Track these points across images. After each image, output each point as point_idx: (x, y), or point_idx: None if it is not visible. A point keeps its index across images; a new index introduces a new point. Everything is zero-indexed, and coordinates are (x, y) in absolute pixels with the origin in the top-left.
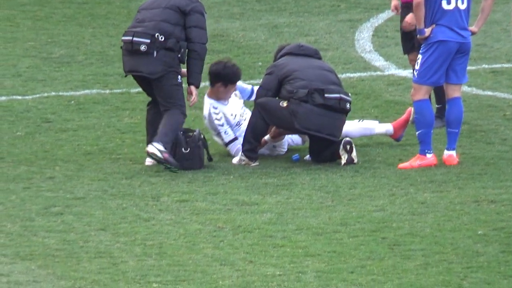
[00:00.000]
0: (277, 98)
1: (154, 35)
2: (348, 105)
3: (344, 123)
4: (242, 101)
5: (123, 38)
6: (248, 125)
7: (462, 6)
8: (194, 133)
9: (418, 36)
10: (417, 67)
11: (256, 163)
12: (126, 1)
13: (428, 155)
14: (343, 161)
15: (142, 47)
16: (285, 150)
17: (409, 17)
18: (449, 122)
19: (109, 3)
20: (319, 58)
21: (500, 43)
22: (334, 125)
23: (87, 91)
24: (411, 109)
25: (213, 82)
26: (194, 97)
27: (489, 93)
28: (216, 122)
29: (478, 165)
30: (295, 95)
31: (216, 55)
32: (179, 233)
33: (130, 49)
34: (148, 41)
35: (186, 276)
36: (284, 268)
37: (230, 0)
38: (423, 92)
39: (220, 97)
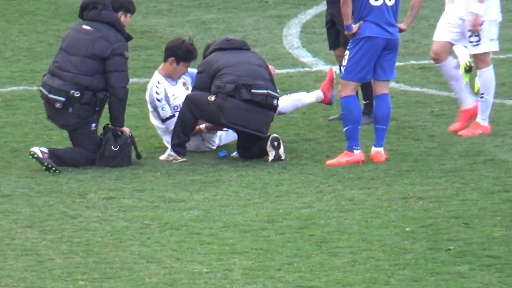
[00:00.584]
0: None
1: (69, 92)
2: (275, 101)
3: (271, 118)
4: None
5: (41, 88)
6: (177, 119)
7: (390, 3)
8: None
9: (345, 32)
10: (344, 62)
11: (184, 159)
12: None
13: (356, 152)
14: (271, 157)
15: (57, 105)
16: (214, 147)
17: None
18: (376, 118)
19: None
20: (248, 48)
21: (428, 39)
22: (261, 120)
23: (14, 88)
24: (331, 68)
25: (166, 57)
26: (125, 130)
27: (417, 89)
28: (155, 95)
29: (406, 162)
30: (223, 90)
31: (144, 52)
32: (106, 230)
33: (47, 101)
34: (63, 99)
35: (113, 274)
36: (211, 265)
37: None
38: (350, 88)
39: (170, 73)
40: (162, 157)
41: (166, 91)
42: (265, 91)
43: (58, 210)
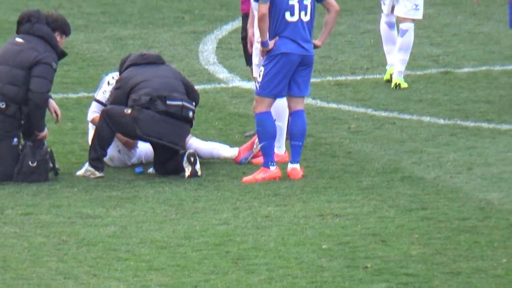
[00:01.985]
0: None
1: None
2: (190, 113)
3: (187, 132)
4: None
5: None
6: (94, 133)
7: (306, 18)
8: (44, 146)
9: (261, 48)
10: (259, 79)
11: (102, 174)
12: None
13: (272, 168)
14: (187, 173)
15: None
16: (129, 163)
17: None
18: (292, 134)
19: None
20: (163, 62)
21: (345, 55)
22: (176, 132)
23: None
24: (255, 138)
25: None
26: (44, 133)
27: (334, 105)
28: (109, 78)
29: (323, 179)
30: (138, 102)
31: (60, 67)
32: (23, 246)
33: None
34: None
35: None
36: (128, 282)
37: (75, 12)
38: (265, 105)
39: None
40: (79, 172)
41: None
42: (180, 103)
43: None
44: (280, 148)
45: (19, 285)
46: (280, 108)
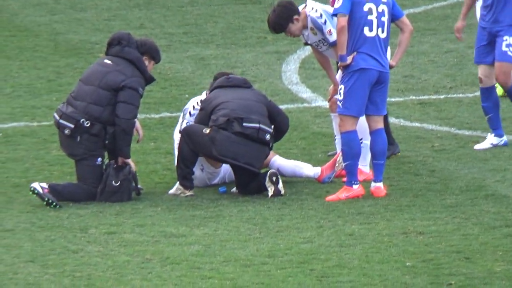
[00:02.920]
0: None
1: (80, 120)
2: (267, 136)
3: (264, 154)
4: None
5: (54, 114)
6: (177, 152)
7: (382, 35)
8: (126, 166)
9: (339, 63)
10: (340, 97)
11: (191, 193)
12: (53, 34)
13: (355, 186)
14: (270, 193)
15: (66, 131)
16: (214, 180)
17: None
18: (374, 154)
19: (36, 36)
20: (248, 87)
21: (428, 75)
22: (252, 154)
23: (15, 124)
24: (339, 153)
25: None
26: (129, 161)
27: (417, 124)
28: (191, 109)
29: (406, 197)
30: (216, 123)
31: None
32: (107, 264)
33: (58, 127)
34: (72, 126)
35: None
36: None
37: (157, 33)
38: (350, 123)
39: None
40: (171, 191)
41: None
42: (257, 125)
43: (59, 244)
44: (366, 167)
45: None
46: (365, 126)
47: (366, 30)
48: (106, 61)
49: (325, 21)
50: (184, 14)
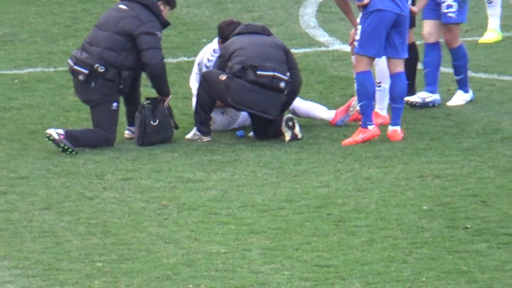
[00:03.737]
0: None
1: (93, 65)
2: (282, 83)
3: (279, 101)
4: None
5: (68, 60)
6: (196, 97)
7: None
8: (159, 104)
9: (356, 2)
10: (357, 37)
11: (209, 138)
12: None
13: (370, 127)
14: (287, 137)
15: (81, 77)
16: (236, 123)
17: None
18: (392, 97)
19: None
20: (268, 34)
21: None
22: (266, 102)
23: (31, 70)
24: (353, 98)
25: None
26: (169, 97)
27: None
28: (206, 61)
29: (423, 140)
30: (231, 70)
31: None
32: (123, 211)
33: (72, 73)
34: (87, 71)
35: (131, 255)
36: (229, 245)
37: None
38: (364, 64)
39: None
40: (188, 136)
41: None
42: (271, 73)
43: (75, 191)
44: (383, 110)
45: (119, 250)
46: (385, 69)
47: None
48: (121, 6)
49: None
50: None
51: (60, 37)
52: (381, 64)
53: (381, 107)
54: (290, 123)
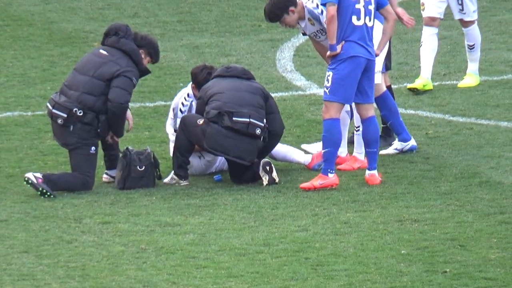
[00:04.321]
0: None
1: (72, 109)
2: (258, 130)
3: (255, 146)
4: None
5: (47, 103)
6: (174, 142)
7: (370, 23)
8: (147, 151)
9: (328, 52)
10: (327, 84)
11: (187, 182)
12: (47, 23)
13: (330, 175)
14: (265, 182)
15: (59, 121)
16: (212, 168)
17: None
18: (367, 142)
19: (30, 25)
20: (248, 77)
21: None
22: (242, 148)
23: (9, 114)
24: None
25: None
26: (116, 140)
27: (411, 111)
28: (180, 106)
29: (401, 184)
30: (207, 115)
31: None
32: (102, 255)
33: (51, 117)
34: (65, 115)
35: None
36: None
37: (151, 21)
38: (334, 110)
39: (196, 95)
40: (166, 180)
41: (192, 107)
42: (247, 120)
43: (54, 235)
44: (361, 154)
45: None
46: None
47: (354, 19)
48: (102, 51)
49: (322, 11)
50: (178, 3)
51: (38, 81)
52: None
53: (359, 151)
54: (268, 168)
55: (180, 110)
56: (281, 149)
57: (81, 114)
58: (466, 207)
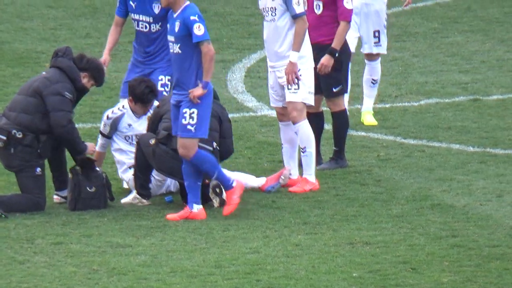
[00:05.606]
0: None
1: (11, 131)
2: None
3: None
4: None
5: None
6: (134, 159)
7: None
8: (98, 172)
9: (200, 91)
10: (192, 121)
11: (149, 202)
12: None
13: (196, 207)
14: (216, 204)
15: (0, 144)
16: (158, 193)
17: (325, 59)
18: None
19: None
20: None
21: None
22: None
23: None
24: (286, 168)
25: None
26: (89, 149)
27: (363, 133)
28: (108, 112)
29: (353, 207)
30: (157, 136)
31: (89, 97)
32: (54, 275)
33: None
34: (5, 138)
35: None
36: None
37: (102, 41)
38: (195, 147)
39: (132, 109)
40: (125, 200)
41: (122, 118)
42: None
43: (6, 255)
44: (312, 176)
45: None
46: (308, 134)
47: None
48: (43, 72)
49: None
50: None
51: None
52: (303, 129)
53: (309, 172)
54: (217, 190)
55: (107, 116)
56: (232, 176)
57: (20, 136)
58: (418, 230)
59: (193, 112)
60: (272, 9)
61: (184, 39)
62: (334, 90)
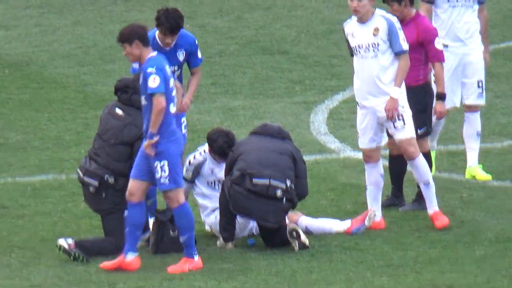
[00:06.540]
0: None
1: (104, 177)
2: (278, 192)
3: (280, 208)
4: None
5: (77, 169)
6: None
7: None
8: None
9: (148, 141)
10: (165, 174)
11: (233, 245)
12: (81, 86)
13: (195, 257)
14: (296, 247)
15: (91, 189)
16: (240, 236)
17: (438, 106)
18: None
19: (64, 87)
20: (283, 137)
21: (455, 124)
22: (264, 210)
23: (43, 177)
24: (371, 209)
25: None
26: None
27: (446, 175)
28: (191, 157)
29: (435, 249)
30: (231, 177)
31: None
32: None
33: (82, 184)
34: (97, 183)
35: None
36: None
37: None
38: (181, 195)
39: (213, 156)
40: (219, 244)
41: (204, 163)
42: (267, 181)
43: None
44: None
45: None
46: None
47: (171, 106)
48: (118, 111)
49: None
50: (213, 65)
51: (72, 143)
52: (423, 163)
53: (435, 203)
54: (294, 233)
55: (189, 162)
56: (316, 223)
57: (112, 181)
58: (502, 272)
59: (163, 165)
60: (374, 45)
61: (145, 91)
62: (419, 131)
